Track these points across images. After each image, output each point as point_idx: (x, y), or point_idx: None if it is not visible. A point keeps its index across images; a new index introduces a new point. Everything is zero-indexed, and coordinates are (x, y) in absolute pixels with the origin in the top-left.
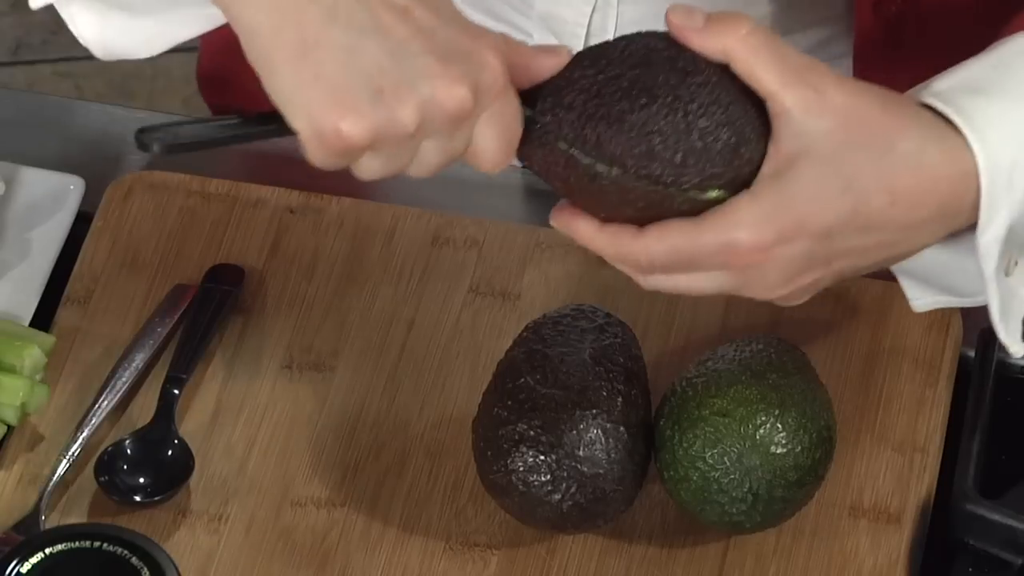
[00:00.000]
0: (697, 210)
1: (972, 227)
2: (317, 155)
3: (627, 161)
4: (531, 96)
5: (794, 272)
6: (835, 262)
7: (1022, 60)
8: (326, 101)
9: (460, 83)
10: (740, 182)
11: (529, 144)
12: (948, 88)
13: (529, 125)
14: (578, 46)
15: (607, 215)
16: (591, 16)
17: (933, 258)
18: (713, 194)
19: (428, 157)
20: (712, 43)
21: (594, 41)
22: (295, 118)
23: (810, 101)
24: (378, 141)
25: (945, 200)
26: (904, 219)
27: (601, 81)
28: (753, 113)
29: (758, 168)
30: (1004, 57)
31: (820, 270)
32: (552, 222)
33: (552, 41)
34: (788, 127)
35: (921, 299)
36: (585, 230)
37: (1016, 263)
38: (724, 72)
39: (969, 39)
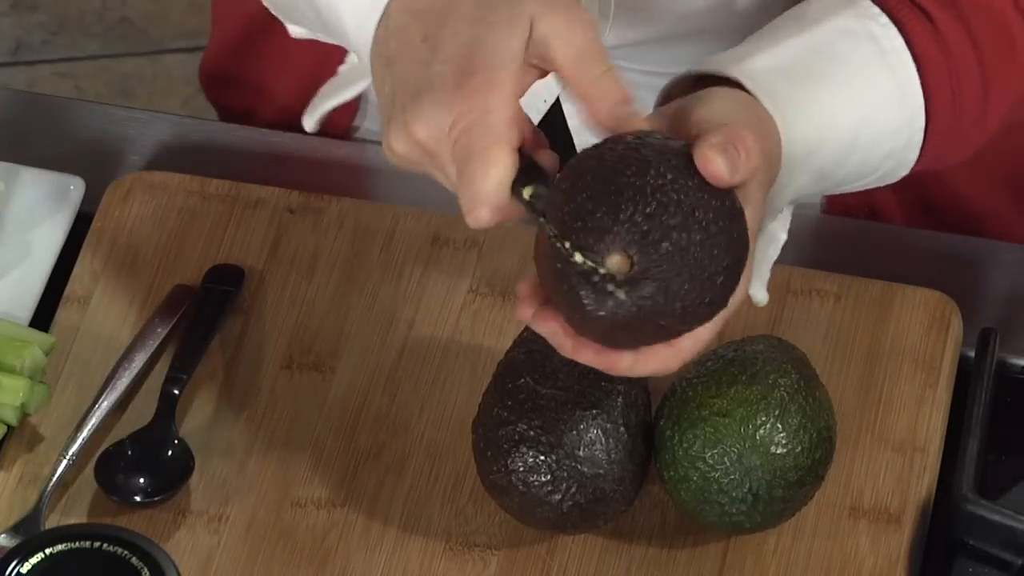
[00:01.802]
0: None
1: None
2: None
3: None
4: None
5: None
6: None
7: (839, 46)
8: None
9: (423, 123)
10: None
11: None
12: (763, 70)
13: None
14: None
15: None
16: None
17: None
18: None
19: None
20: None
21: None
22: None
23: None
24: (404, 160)
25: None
26: None
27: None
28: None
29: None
30: (822, 42)
31: None
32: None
33: None
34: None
35: None
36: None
37: (781, 210)
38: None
39: None
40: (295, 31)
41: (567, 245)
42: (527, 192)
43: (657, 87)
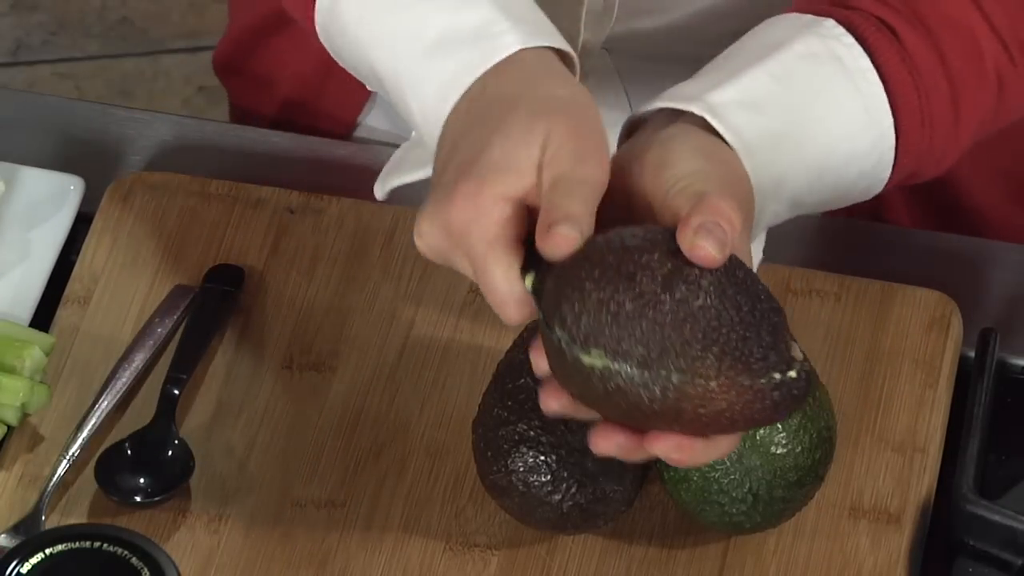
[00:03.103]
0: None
1: None
2: None
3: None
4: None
5: None
6: None
7: (802, 70)
8: None
9: (425, 232)
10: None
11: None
12: (725, 103)
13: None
14: None
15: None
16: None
17: None
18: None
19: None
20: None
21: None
22: None
23: None
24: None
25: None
26: None
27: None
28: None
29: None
30: (785, 66)
31: None
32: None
33: None
34: None
35: None
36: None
37: (756, 237)
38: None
39: None
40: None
41: (553, 334)
42: (528, 281)
43: (667, 78)
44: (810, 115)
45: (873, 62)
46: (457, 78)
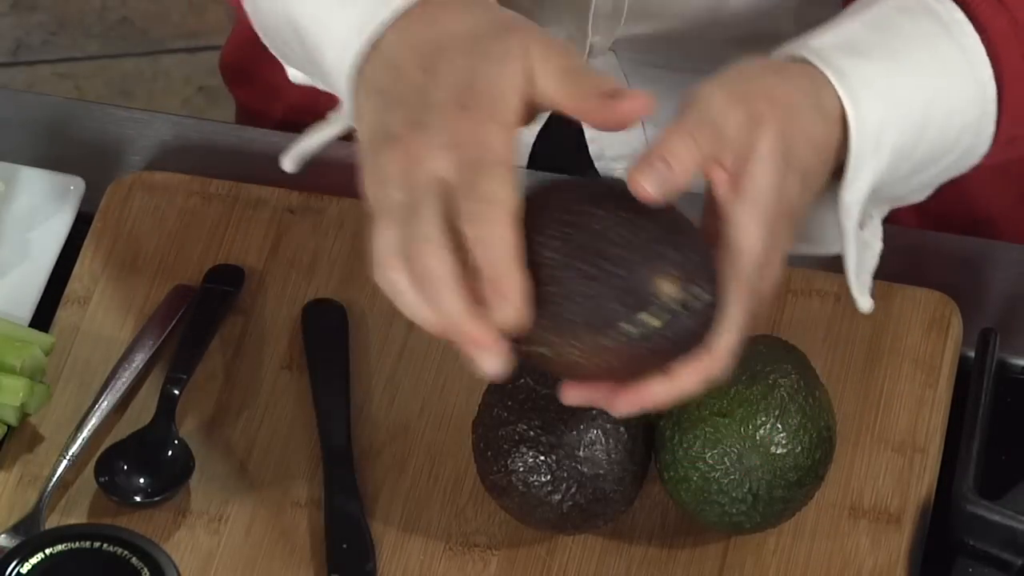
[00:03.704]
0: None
1: (831, 179)
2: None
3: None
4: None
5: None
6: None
7: (899, 20)
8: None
9: (426, 146)
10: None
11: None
12: (827, 46)
13: None
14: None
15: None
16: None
17: None
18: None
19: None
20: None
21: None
22: None
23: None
24: (384, 194)
25: (824, 155)
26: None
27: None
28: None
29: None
30: (882, 17)
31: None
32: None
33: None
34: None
35: None
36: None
37: (871, 216)
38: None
39: None
40: (293, 75)
41: None
42: None
43: (676, 82)
44: (910, 61)
45: (968, 14)
46: (373, 9)
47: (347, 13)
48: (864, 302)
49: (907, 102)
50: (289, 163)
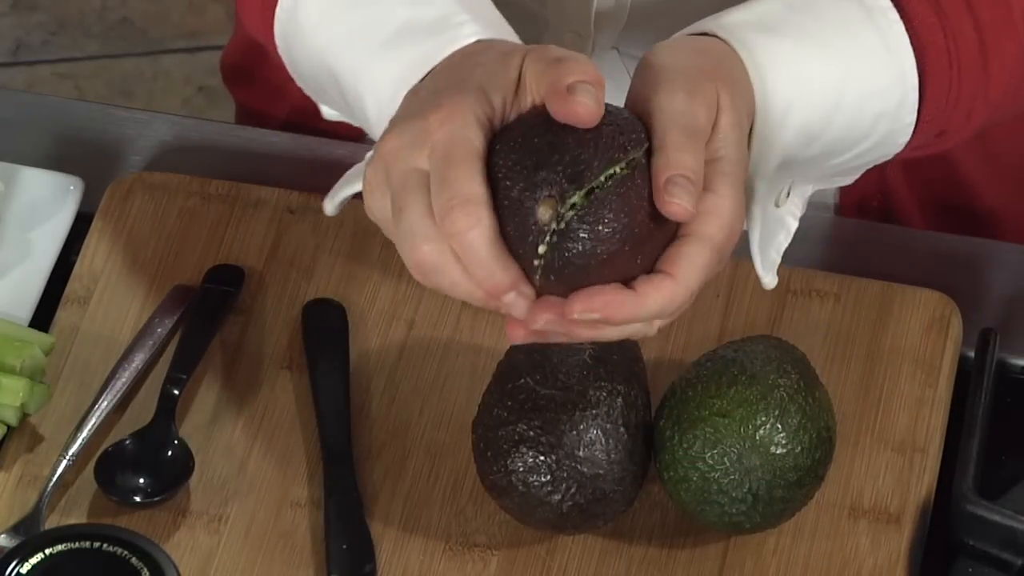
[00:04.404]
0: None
1: None
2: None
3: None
4: None
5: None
6: None
7: (820, 4)
8: None
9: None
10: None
11: None
12: (738, 22)
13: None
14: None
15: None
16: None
17: None
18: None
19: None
20: None
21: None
22: None
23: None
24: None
25: (738, 77)
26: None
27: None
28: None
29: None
30: (802, 0)
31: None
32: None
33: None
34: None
35: None
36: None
37: (788, 194)
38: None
39: None
40: (327, 113)
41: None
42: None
43: None
44: (824, 43)
45: (895, 4)
46: (415, 65)
47: (389, 68)
48: (769, 279)
49: (817, 81)
50: (331, 208)
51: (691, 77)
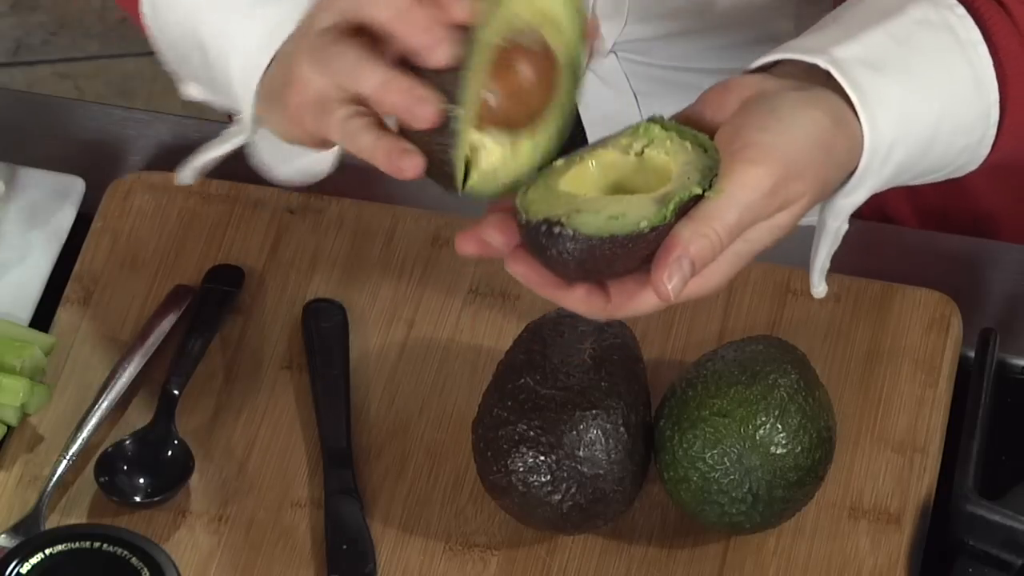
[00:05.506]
0: None
1: None
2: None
3: None
4: None
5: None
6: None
7: (920, 35)
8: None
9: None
10: None
11: None
12: (850, 60)
13: None
14: None
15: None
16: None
17: None
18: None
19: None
20: None
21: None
22: None
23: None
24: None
25: (840, 161)
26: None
27: None
28: None
29: None
30: (903, 30)
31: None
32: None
33: None
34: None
35: None
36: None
37: (859, 203)
38: None
39: None
40: (187, 92)
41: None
42: None
43: (676, 82)
44: (926, 81)
45: (984, 34)
46: (283, 24)
47: (253, 25)
48: (822, 288)
49: (920, 122)
50: (187, 177)
51: (789, 166)
